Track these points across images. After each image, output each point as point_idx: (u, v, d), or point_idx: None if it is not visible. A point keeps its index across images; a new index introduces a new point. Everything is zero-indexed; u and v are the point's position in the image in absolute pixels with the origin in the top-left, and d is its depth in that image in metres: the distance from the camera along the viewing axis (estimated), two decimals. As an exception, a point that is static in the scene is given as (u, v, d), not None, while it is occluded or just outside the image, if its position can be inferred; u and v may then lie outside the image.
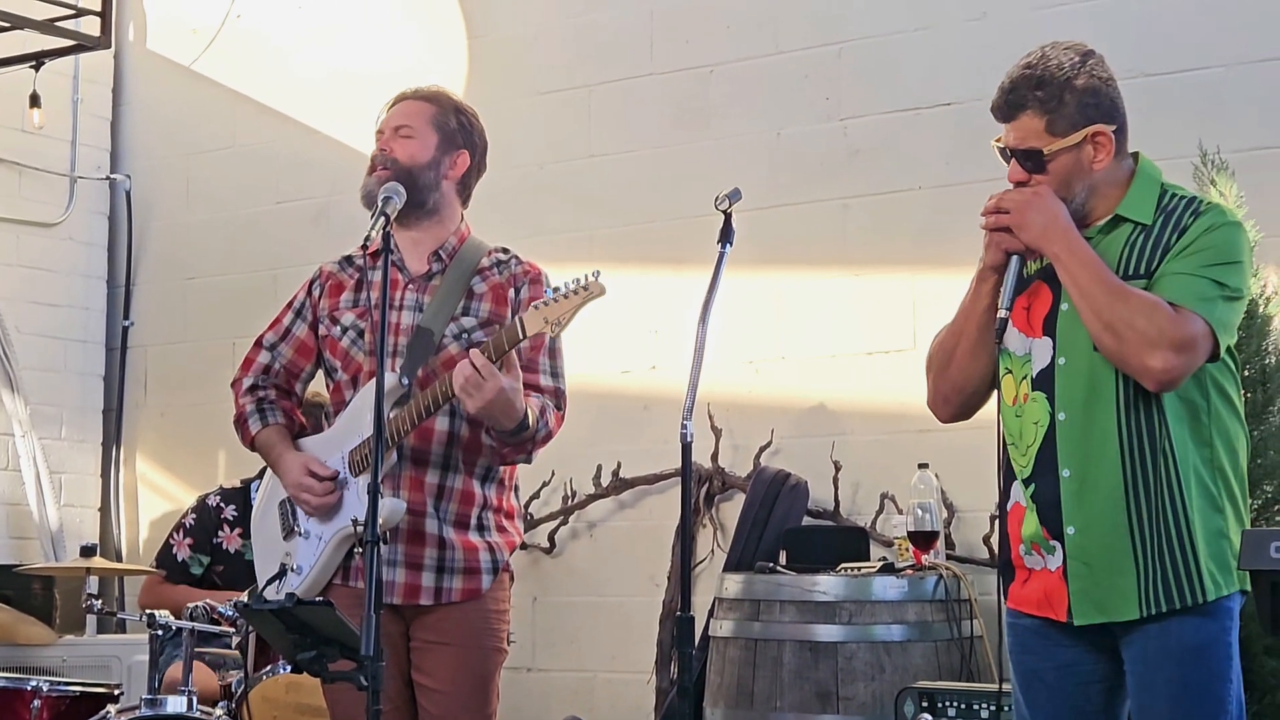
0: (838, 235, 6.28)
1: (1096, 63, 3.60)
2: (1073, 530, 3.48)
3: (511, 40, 7.13)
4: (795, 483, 6.10)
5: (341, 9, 7.64)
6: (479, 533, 4.30)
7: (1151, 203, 3.58)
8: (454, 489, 4.27)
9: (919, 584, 5.40)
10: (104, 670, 6.51)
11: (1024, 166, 3.57)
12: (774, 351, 6.37)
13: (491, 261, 4.38)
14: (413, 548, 4.22)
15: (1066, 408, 3.51)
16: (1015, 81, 3.58)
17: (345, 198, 7.37)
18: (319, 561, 4.29)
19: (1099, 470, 3.48)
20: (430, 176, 4.37)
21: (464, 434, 4.26)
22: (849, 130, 6.30)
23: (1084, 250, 3.48)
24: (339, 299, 4.42)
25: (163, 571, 6.13)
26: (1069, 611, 3.50)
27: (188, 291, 7.94)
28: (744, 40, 6.55)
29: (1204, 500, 3.46)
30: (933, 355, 3.76)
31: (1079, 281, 3.44)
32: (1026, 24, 5.98)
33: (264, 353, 4.51)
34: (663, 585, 6.39)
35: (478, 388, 4.00)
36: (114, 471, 7.97)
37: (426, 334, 4.27)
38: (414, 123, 4.38)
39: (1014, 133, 3.58)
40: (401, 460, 4.23)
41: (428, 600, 4.23)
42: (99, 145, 8.10)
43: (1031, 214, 3.50)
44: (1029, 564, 3.58)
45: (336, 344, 4.38)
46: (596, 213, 6.79)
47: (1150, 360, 3.38)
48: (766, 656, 5.35)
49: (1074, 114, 3.54)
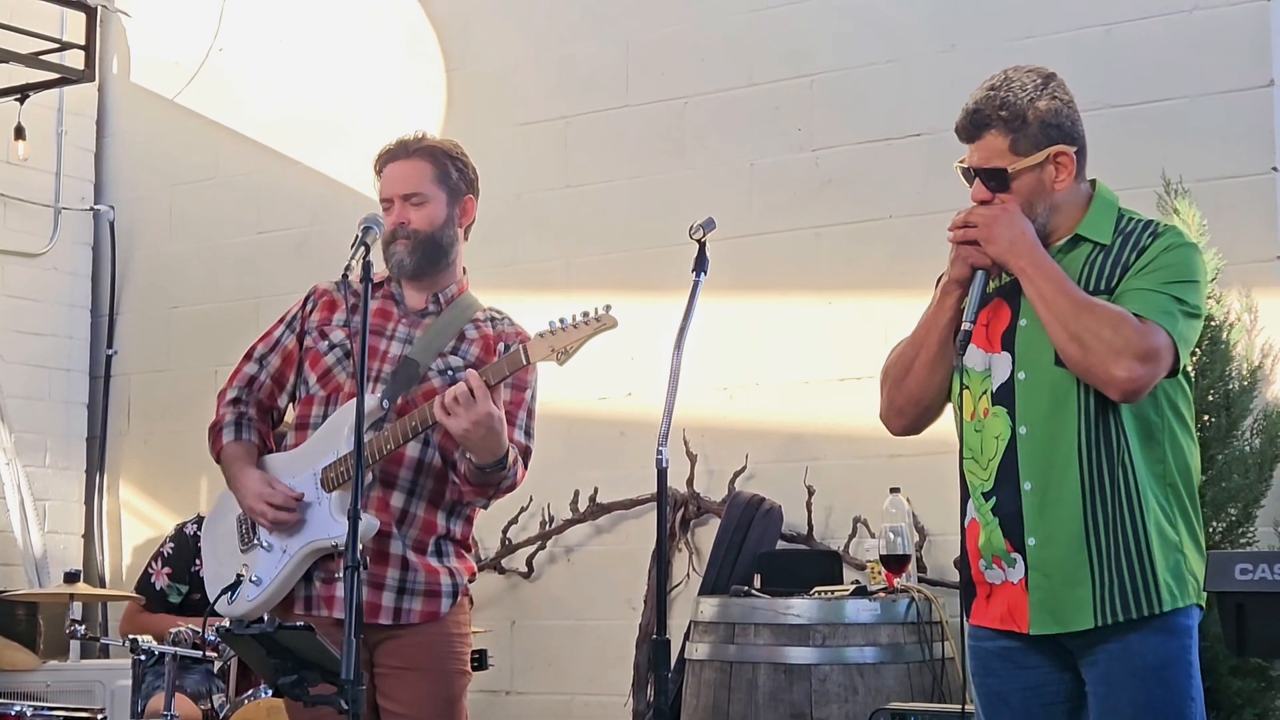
0: (810, 263, 6.34)
1: (1058, 85, 3.66)
2: (1034, 542, 3.50)
3: (490, 72, 7.19)
4: (769, 507, 6.14)
5: (321, 42, 7.69)
6: (437, 558, 4.35)
7: (1110, 224, 3.62)
8: (417, 515, 4.32)
9: (891, 607, 5.45)
10: (87, 695, 6.53)
11: (988, 186, 3.61)
12: (748, 378, 6.42)
13: (486, 316, 4.47)
14: (376, 567, 4.25)
15: (1027, 422, 3.54)
16: (979, 103, 3.62)
17: (327, 228, 7.47)
18: (280, 574, 4.30)
19: (1060, 483, 3.50)
20: (449, 234, 4.47)
21: (434, 462, 4.31)
22: (821, 160, 6.36)
23: (1049, 264, 3.51)
24: (331, 315, 4.48)
25: (142, 599, 6.16)
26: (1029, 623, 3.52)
27: (170, 320, 7.99)
28: (718, 73, 6.61)
29: (1160, 514, 3.49)
30: (889, 367, 3.78)
31: (1044, 294, 3.48)
32: (995, 55, 6.03)
33: (252, 364, 4.56)
34: (639, 609, 6.42)
35: (467, 407, 4.04)
36: (97, 498, 8.00)
37: (412, 364, 4.33)
38: (422, 188, 4.43)
39: (978, 153, 3.63)
40: (374, 482, 4.28)
41: (387, 620, 4.26)
42: (83, 176, 8.15)
43: (999, 229, 3.54)
44: (990, 578, 3.59)
45: (320, 358, 4.43)
46: (573, 241, 6.84)
47: (1116, 370, 3.40)
48: (741, 679, 5.38)
49: (1037, 134, 3.59)
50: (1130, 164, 5.53)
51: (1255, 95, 5.59)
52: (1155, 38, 5.79)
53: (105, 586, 7.75)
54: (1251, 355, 5.37)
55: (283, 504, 4.29)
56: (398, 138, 4.55)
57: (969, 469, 3.66)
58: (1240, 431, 5.30)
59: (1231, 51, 5.66)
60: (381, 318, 4.44)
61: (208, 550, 4.58)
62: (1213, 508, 5.11)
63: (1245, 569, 3.17)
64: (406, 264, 4.39)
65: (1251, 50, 5.62)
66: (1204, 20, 5.70)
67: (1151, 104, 5.76)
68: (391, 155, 4.50)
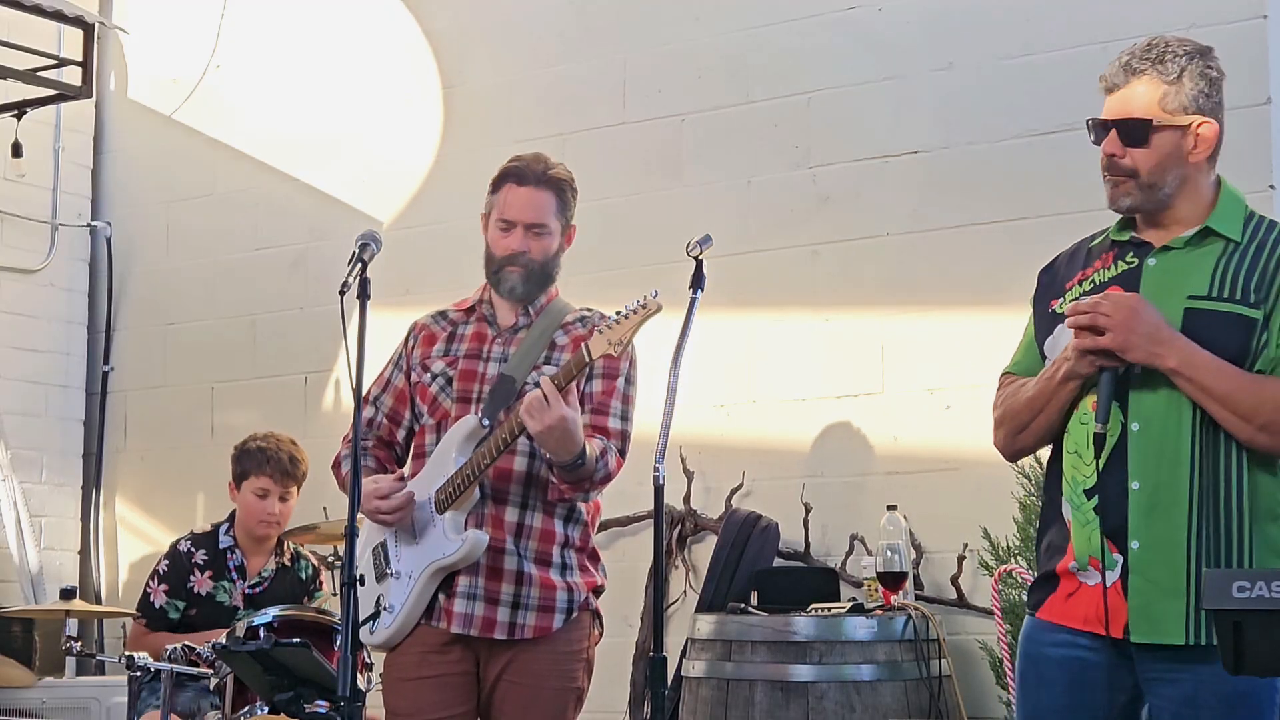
0: (807, 281, 6.35)
1: (1215, 60, 3.54)
2: (1137, 545, 3.35)
3: (486, 90, 7.20)
4: (766, 524, 6.14)
5: (319, 59, 7.70)
6: (560, 572, 4.41)
7: (1239, 219, 3.47)
8: (533, 527, 4.39)
9: (888, 624, 5.45)
10: (83, 712, 6.53)
11: (1123, 138, 3.45)
12: (745, 395, 6.42)
13: (575, 317, 4.55)
14: (491, 583, 4.34)
15: (1140, 418, 3.39)
16: (1136, 51, 3.49)
17: (324, 244, 7.48)
18: (410, 599, 4.38)
19: (1170, 484, 3.35)
20: (557, 263, 4.59)
21: (543, 475, 4.37)
22: (818, 178, 6.37)
23: (1200, 355, 3.33)
24: (431, 349, 4.56)
25: (144, 620, 6.16)
26: (1125, 629, 3.37)
27: (167, 337, 7.99)
28: (715, 90, 6.62)
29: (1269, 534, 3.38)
30: (1004, 416, 3.60)
31: (1210, 389, 3.31)
32: (992, 74, 6.07)
33: (369, 407, 4.62)
34: (636, 626, 6.41)
35: (541, 409, 4.12)
36: (94, 515, 8.00)
37: (509, 381, 4.41)
38: (546, 220, 4.52)
39: (1121, 102, 3.47)
40: (484, 498, 4.36)
41: (502, 635, 4.33)
42: (80, 193, 8.15)
43: (1133, 335, 3.33)
44: (1081, 578, 3.44)
45: (426, 390, 4.52)
46: (570, 259, 6.80)
47: None
48: (739, 696, 5.39)
49: (1188, 96, 3.46)
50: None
51: (1252, 113, 5.60)
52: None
53: (101, 603, 7.74)
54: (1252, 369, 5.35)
55: (388, 492, 4.37)
56: (524, 159, 4.58)
57: (1072, 464, 3.49)
58: (1238, 448, 5.28)
59: (1228, 69, 5.61)
60: (478, 341, 4.54)
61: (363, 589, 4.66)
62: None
63: (1243, 586, 3.15)
64: (519, 290, 4.51)
65: (1249, 68, 5.62)
66: (1201, 38, 5.58)
67: (1148, 121, 5.75)
68: (519, 177, 4.53)
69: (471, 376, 4.47)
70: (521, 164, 4.54)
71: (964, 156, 6.08)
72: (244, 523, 6.12)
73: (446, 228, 6.96)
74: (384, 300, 4.80)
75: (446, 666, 4.36)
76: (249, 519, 6.09)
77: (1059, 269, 3.66)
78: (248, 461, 6.12)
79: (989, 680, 5.71)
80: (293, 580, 6.13)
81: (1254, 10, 5.65)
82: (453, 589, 4.34)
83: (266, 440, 6.15)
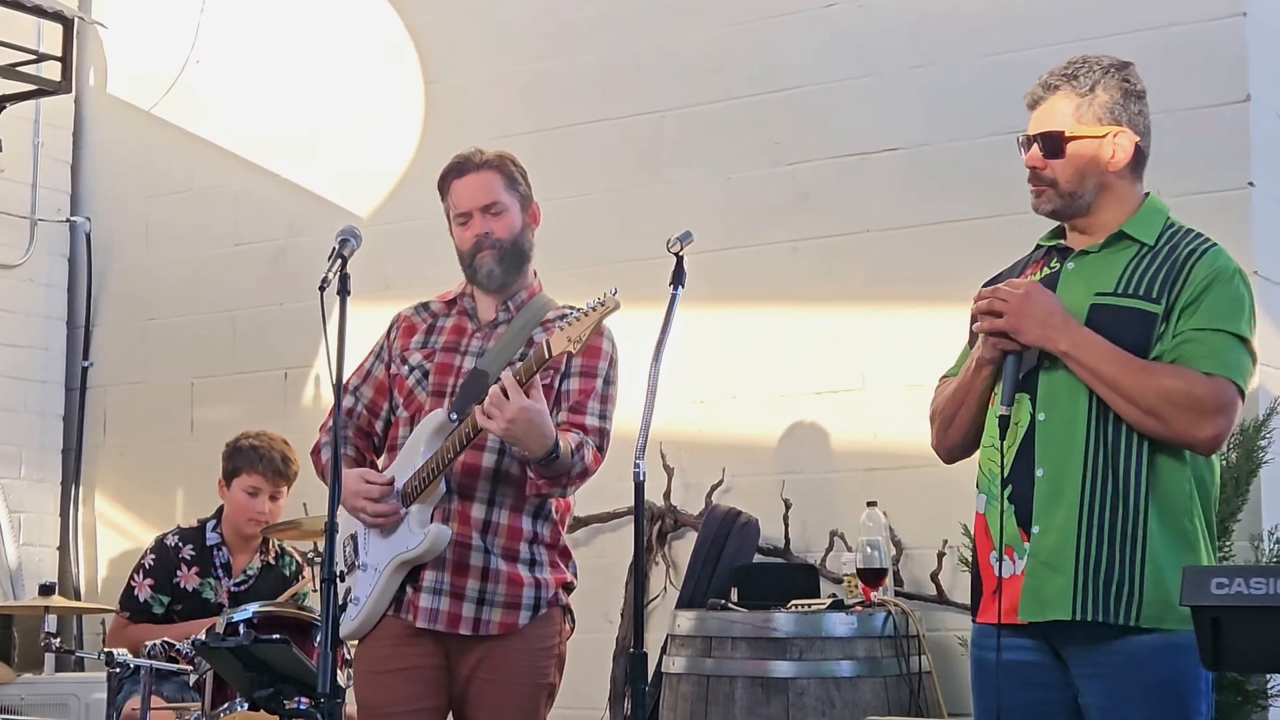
0: (787, 277, 6.35)
1: (1133, 74, 3.67)
2: (1038, 530, 3.48)
3: (467, 85, 7.20)
4: (746, 520, 6.14)
5: (300, 54, 7.70)
6: (529, 568, 4.40)
7: (1157, 227, 3.59)
8: (500, 523, 4.37)
9: (868, 620, 5.46)
10: (62, 708, 6.51)
11: (1042, 150, 3.58)
12: (725, 391, 6.43)
13: (556, 314, 4.49)
14: (457, 578, 4.32)
15: (1047, 408, 3.51)
16: (1055, 69, 3.63)
17: (303, 240, 7.47)
18: (375, 591, 4.37)
19: (1067, 472, 3.47)
20: (528, 239, 4.56)
21: (511, 470, 4.36)
22: (798, 174, 6.38)
23: (1091, 339, 3.47)
24: (410, 340, 4.56)
25: (127, 613, 6.15)
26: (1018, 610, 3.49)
27: (147, 332, 7.98)
28: (695, 87, 6.62)
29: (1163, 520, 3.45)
30: (935, 413, 3.79)
31: (1100, 374, 3.43)
32: (971, 71, 6.08)
33: (348, 397, 4.61)
34: (616, 622, 6.42)
35: (500, 407, 4.09)
36: (73, 511, 7.98)
37: (481, 375, 4.39)
38: (499, 197, 4.50)
39: (1041, 116, 3.61)
40: (450, 493, 4.35)
41: (467, 630, 4.32)
42: (59, 188, 8.14)
43: (1025, 318, 3.49)
44: (1000, 571, 3.54)
45: (404, 382, 4.52)
46: (550, 255, 6.74)
47: (1199, 433, 3.40)
48: (719, 692, 5.40)
49: (1102, 108, 3.59)
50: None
51: (1231, 110, 5.62)
52: (1131, 53, 5.74)
53: (80, 599, 7.73)
54: (1149, 360, 5.36)
55: (379, 496, 4.35)
56: (458, 156, 4.60)
57: (988, 456, 3.62)
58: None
59: (1208, 67, 5.69)
60: (456, 334, 4.53)
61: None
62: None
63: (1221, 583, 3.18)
64: (497, 274, 4.48)
65: (1228, 66, 5.65)
66: (1180, 36, 5.72)
67: (1127, 119, 5.76)
68: (458, 170, 4.55)
69: (447, 370, 4.46)
70: (458, 158, 4.57)
71: (944, 153, 6.09)
72: (232, 520, 6.12)
73: (426, 223, 6.88)
74: (364, 296, 4.78)
75: (417, 659, 4.35)
76: (238, 517, 6.10)
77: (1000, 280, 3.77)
78: (239, 459, 6.12)
79: (968, 676, 5.71)
80: (277, 577, 6.13)
81: (1233, 8, 5.66)
82: (419, 583, 4.33)
83: (259, 439, 6.17)
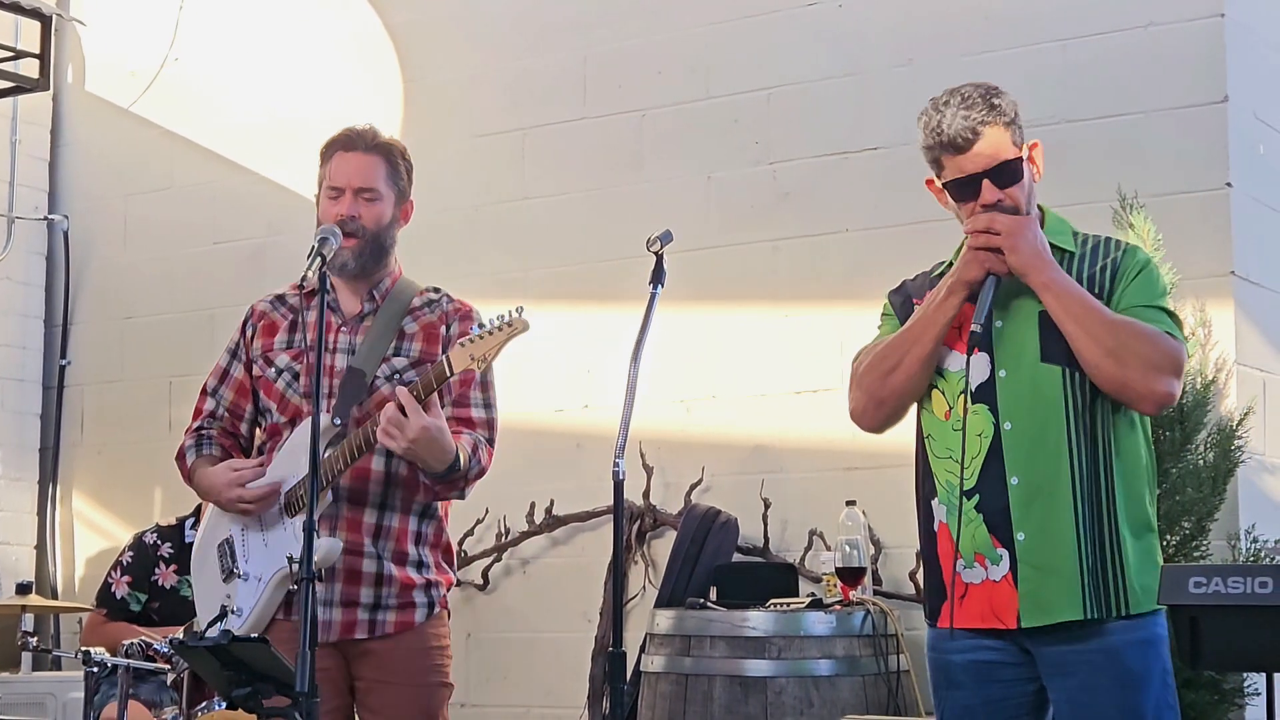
0: (768, 276, 6.35)
1: None
2: (1023, 536, 3.51)
3: (447, 84, 7.19)
4: (725, 520, 6.14)
5: (279, 52, 7.68)
6: (417, 569, 4.35)
7: (1068, 233, 3.67)
8: (391, 527, 4.31)
9: (847, 619, 5.46)
10: (39, 708, 6.49)
11: (998, 182, 3.59)
12: (705, 390, 6.42)
13: (423, 301, 4.42)
14: (350, 587, 4.27)
15: (1011, 417, 3.54)
16: (968, 103, 3.60)
17: (282, 238, 7.45)
18: (259, 603, 4.30)
19: (1050, 476, 3.50)
20: (392, 234, 4.44)
21: (401, 473, 4.30)
22: (778, 173, 6.38)
23: (1068, 280, 3.53)
24: (273, 340, 4.45)
25: (103, 610, 6.13)
26: (1018, 617, 3.51)
27: (125, 331, 7.95)
28: (675, 85, 6.62)
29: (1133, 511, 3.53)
30: (871, 364, 3.75)
31: (1073, 310, 3.48)
32: (952, 70, 6.04)
33: (208, 399, 4.55)
34: (595, 621, 6.42)
35: (400, 427, 4.03)
36: (50, 509, 7.96)
37: (358, 375, 4.30)
38: (376, 185, 4.38)
39: (985, 151, 3.59)
40: (338, 500, 4.27)
41: (363, 634, 4.27)
42: (37, 186, 8.11)
43: (1022, 240, 3.52)
44: (968, 578, 3.57)
45: (271, 385, 4.41)
46: (531, 254, 6.84)
47: (1157, 385, 3.45)
48: (697, 691, 5.39)
49: (1019, 130, 3.64)
50: (1086, 179, 5.57)
51: (1210, 111, 5.63)
52: (1111, 54, 5.82)
53: (58, 598, 7.70)
54: (1205, 369, 5.40)
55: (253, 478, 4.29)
56: (349, 128, 4.47)
57: (946, 468, 3.64)
58: (1194, 445, 5.33)
59: (1186, 68, 5.70)
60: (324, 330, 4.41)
61: (197, 580, 4.58)
62: (1166, 521, 5.13)
63: (1199, 582, 3.20)
64: (350, 265, 4.32)
65: (1206, 66, 5.66)
66: (1159, 36, 5.73)
67: (1107, 119, 5.78)
68: (346, 144, 4.42)
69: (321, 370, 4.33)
70: (351, 132, 4.44)
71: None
72: (210, 519, 6.10)
73: (406, 222, 6.94)
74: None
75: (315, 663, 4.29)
76: None
77: (908, 288, 3.89)
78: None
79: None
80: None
81: (1211, 9, 5.67)
82: None
83: None
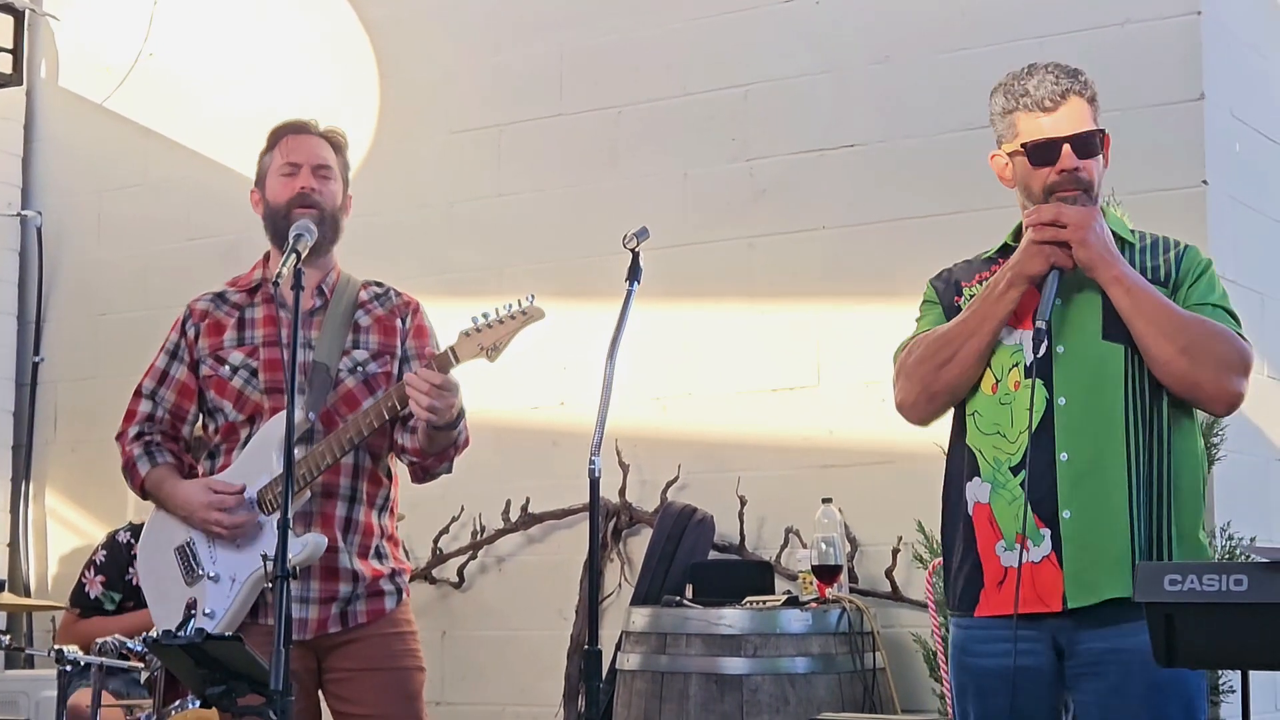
0: (744, 273, 6.35)
1: None
2: (1069, 514, 3.44)
3: (423, 81, 7.17)
4: (701, 517, 6.14)
5: (254, 48, 7.65)
6: (379, 560, 4.38)
7: (1124, 224, 3.64)
8: (358, 520, 4.33)
9: (823, 617, 5.46)
10: (11, 706, 6.48)
11: (1079, 152, 3.53)
12: (681, 388, 6.42)
13: (370, 295, 4.46)
14: (327, 583, 4.28)
15: (1067, 393, 3.47)
16: (1058, 71, 3.56)
17: (256, 234, 7.37)
18: (234, 604, 4.28)
19: (1103, 453, 3.44)
20: (342, 220, 4.46)
21: (365, 465, 4.32)
22: (755, 170, 6.37)
23: (1137, 275, 3.47)
24: (221, 338, 4.43)
25: (77, 610, 6.11)
26: (1063, 599, 3.43)
27: (99, 327, 7.92)
28: (652, 82, 6.61)
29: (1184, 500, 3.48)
30: (925, 354, 3.63)
31: (1144, 307, 3.42)
32: (929, 67, 6.08)
33: (145, 401, 4.49)
34: (571, 619, 6.41)
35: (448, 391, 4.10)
36: (23, 507, 7.91)
37: (323, 369, 4.31)
38: (330, 164, 4.42)
39: (1072, 115, 3.53)
40: (314, 496, 4.27)
41: (335, 627, 4.27)
42: (10, 181, 8.07)
43: (1091, 233, 3.45)
44: (1006, 561, 3.49)
45: (226, 384, 4.38)
46: (506, 250, 6.83)
47: (1229, 384, 3.42)
48: (673, 689, 5.39)
49: (1099, 110, 3.60)
50: (1063, 176, 5.57)
51: (1186, 109, 5.64)
52: (1087, 51, 5.81)
53: (31, 596, 7.67)
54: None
55: (235, 505, 4.26)
56: (296, 119, 4.53)
57: (993, 444, 3.56)
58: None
59: (1163, 65, 5.71)
60: (271, 325, 4.40)
61: (149, 586, 4.54)
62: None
63: (1174, 579, 3.19)
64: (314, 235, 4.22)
65: (1182, 64, 5.67)
66: (1135, 34, 5.74)
67: (1083, 117, 5.78)
68: (296, 129, 4.47)
69: (278, 366, 4.33)
70: (297, 121, 4.51)
71: (901, 150, 6.10)
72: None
73: (381, 218, 6.91)
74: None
75: None
76: None
77: (955, 274, 3.80)
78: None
79: (923, 673, 5.73)
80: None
81: (1188, 7, 5.68)
82: None
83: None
